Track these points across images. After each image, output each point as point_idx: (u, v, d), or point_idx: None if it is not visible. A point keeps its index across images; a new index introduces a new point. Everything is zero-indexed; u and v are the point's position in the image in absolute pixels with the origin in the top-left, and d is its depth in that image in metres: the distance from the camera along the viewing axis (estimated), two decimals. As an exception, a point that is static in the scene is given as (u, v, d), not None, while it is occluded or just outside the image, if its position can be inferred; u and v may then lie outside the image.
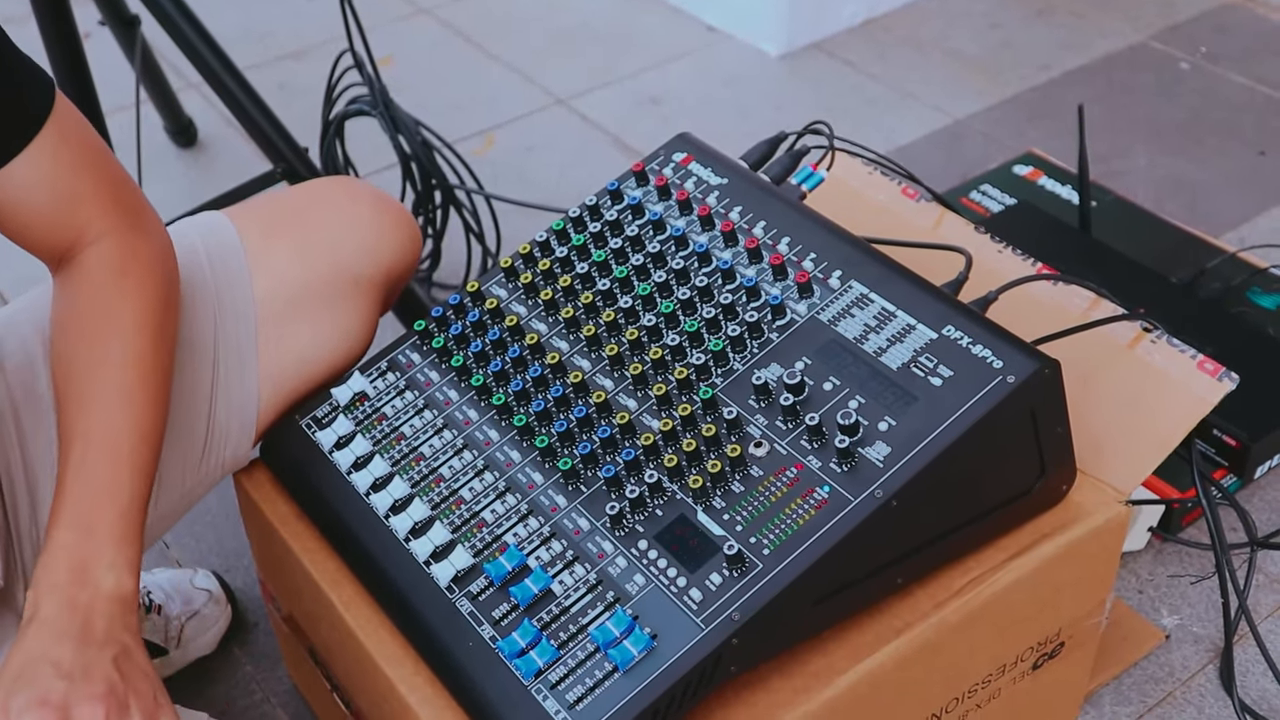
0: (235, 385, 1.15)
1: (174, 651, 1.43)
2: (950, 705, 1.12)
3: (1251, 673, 1.37)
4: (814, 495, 0.98)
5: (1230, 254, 1.75)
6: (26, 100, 0.95)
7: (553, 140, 2.33)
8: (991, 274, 1.20)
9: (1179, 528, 1.51)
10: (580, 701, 0.92)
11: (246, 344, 1.15)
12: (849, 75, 2.48)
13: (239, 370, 1.15)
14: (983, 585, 1.06)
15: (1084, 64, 2.46)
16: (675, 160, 1.26)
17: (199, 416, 1.14)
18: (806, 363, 1.05)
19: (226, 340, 1.15)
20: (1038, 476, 1.07)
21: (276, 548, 1.17)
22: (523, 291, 1.20)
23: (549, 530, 1.02)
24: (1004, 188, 1.91)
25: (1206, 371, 1.15)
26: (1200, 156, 2.19)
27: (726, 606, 0.94)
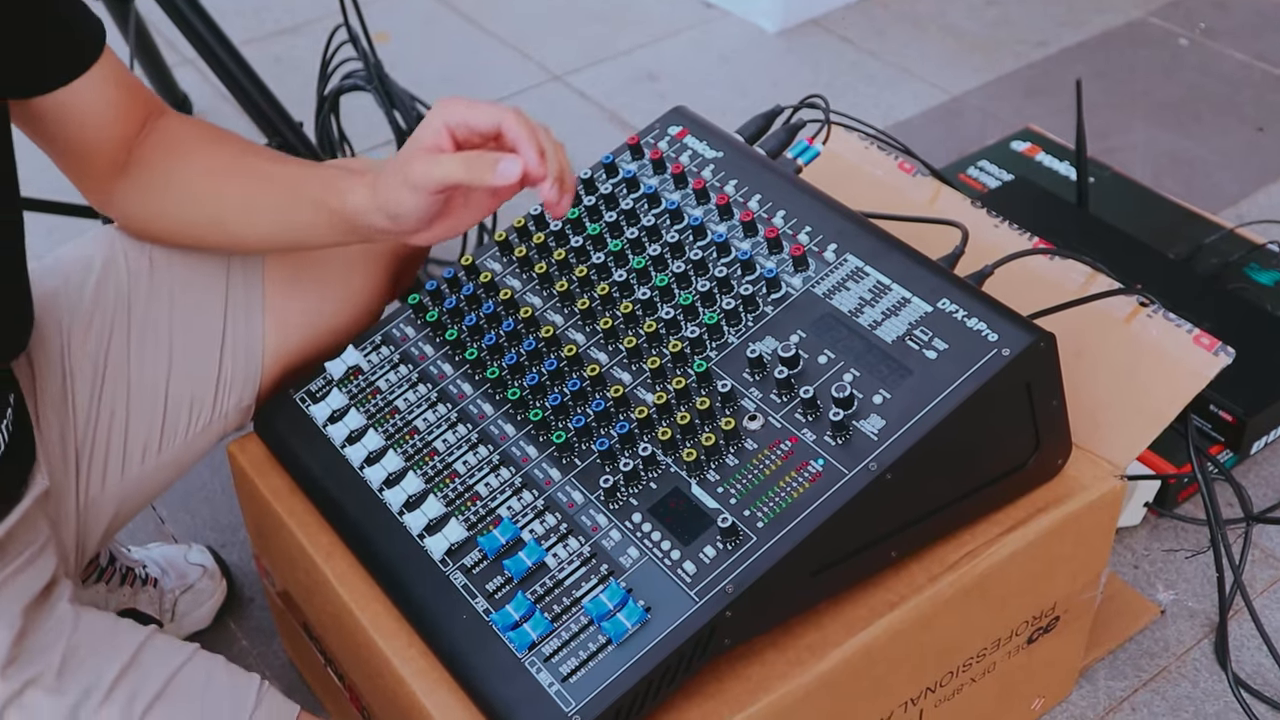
0: (242, 332, 1.19)
1: (168, 625, 1.43)
2: (944, 679, 1.13)
3: (1246, 647, 1.37)
4: (808, 468, 0.97)
5: (1228, 230, 1.75)
6: (92, 18, 1.08)
7: (548, 116, 2.31)
8: (988, 248, 1.20)
9: (1175, 503, 1.51)
10: (574, 674, 0.92)
11: (254, 292, 1.19)
12: (847, 51, 2.47)
13: (246, 317, 1.19)
14: (977, 559, 1.06)
15: (1082, 40, 2.45)
16: (671, 134, 1.25)
17: (210, 359, 1.18)
18: (801, 336, 1.05)
19: (236, 286, 1.19)
20: (1033, 450, 1.07)
21: (270, 521, 1.17)
22: (517, 265, 1.19)
23: (543, 503, 1.02)
24: (1001, 163, 1.90)
25: (1203, 346, 1.15)
26: (1198, 133, 2.18)
27: (720, 579, 0.94)
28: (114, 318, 1.16)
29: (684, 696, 0.96)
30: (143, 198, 1.13)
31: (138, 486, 1.19)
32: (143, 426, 1.17)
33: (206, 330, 1.18)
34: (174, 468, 1.20)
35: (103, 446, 1.16)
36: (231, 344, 1.19)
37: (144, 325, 1.17)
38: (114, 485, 1.17)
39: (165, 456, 1.19)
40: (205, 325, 1.18)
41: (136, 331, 1.16)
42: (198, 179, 1.12)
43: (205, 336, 1.18)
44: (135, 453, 1.17)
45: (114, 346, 1.16)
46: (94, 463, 1.15)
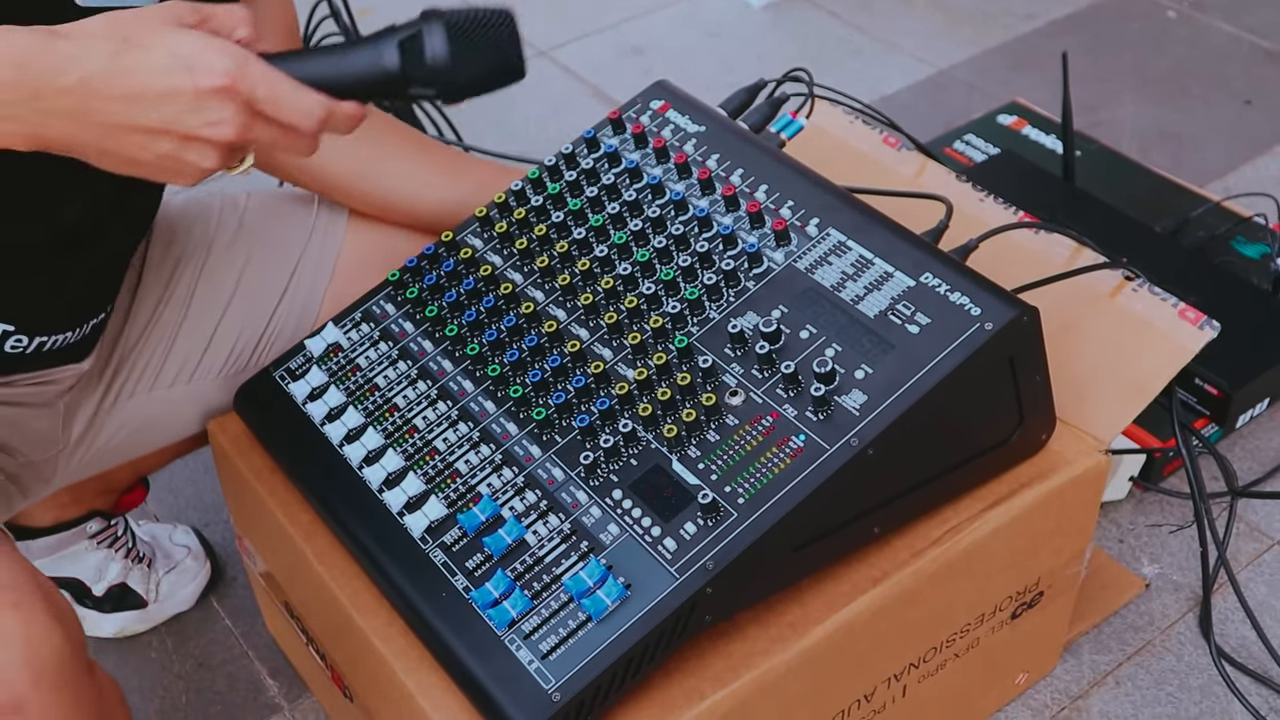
0: (304, 293, 1.25)
1: (152, 605, 1.42)
2: (928, 654, 1.12)
3: (1230, 621, 1.37)
4: (790, 444, 0.97)
5: (1215, 203, 1.74)
6: None
7: (533, 91, 2.30)
8: (973, 222, 1.19)
9: (1160, 477, 1.50)
10: (554, 651, 0.92)
11: (326, 263, 1.25)
12: (833, 25, 2.46)
13: (311, 281, 1.25)
14: (960, 535, 1.06)
15: (1069, 13, 2.44)
16: (653, 108, 1.24)
17: (267, 306, 1.24)
18: (783, 311, 1.04)
19: (310, 253, 1.25)
20: (1016, 425, 1.06)
21: (250, 500, 1.17)
22: (498, 241, 1.18)
23: (523, 480, 1.02)
24: (988, 137, 1.89)
25: (1188, 320, 1.14)
26: (1186, 106, 2.17)
27: (701, 556, 0.93)
28: (193, 252, 1.23)
29: (665, 673, 0.96)
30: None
31: (158, 409, 1.22)
32: (183, 353, 1.22)
33: (269, 288, 1.24)
34: (194, 404, 1.24)
35: (143, 360, 1.21)
36: (290, 301, 1.24)
37: (215, 268, 1.23)
38: (139, 399, 1.21)
39: (192, 387, 1.23)
40: (269, 284, 1.24)
41: (208, 271, 1.23)
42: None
43: (266, 293, 1.23)
44: (168, 375, 1.22)
45: (184, 276, 1.22)
46: (131, 373, 1.20)
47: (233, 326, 1.23)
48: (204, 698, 1.37)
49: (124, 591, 1.41)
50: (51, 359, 1.09)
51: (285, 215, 1.27)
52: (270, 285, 1.24)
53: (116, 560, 1.40)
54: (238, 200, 1.28)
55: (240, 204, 1.27)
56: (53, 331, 1.07)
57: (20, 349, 1.06)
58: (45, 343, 1.07)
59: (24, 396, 1.11)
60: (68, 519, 1.37)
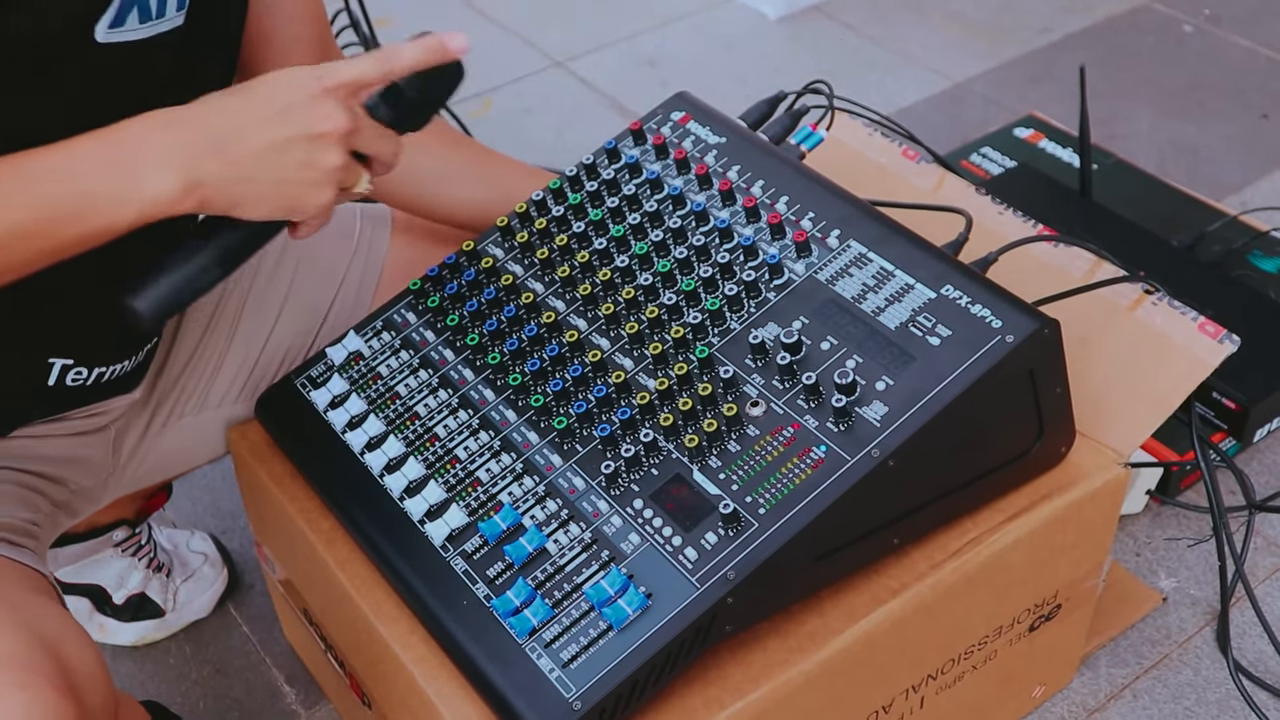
0: (345, 313, 1.26)
1: (170, 614, 1.43)
2: (946, 666, 1.12)
3: (1248, 635, 1.37)
4: (810, 454, 0.97)
5: (1231, 217, 1.74)
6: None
7: (550, 102, 2.32)
8: (992, 235, 1.19)
9: (1177, 491, 1.50)
10: (574, 660, 0.92)
11: (367, 287, 1.27)
12: (849, 38, 2.46)
13: (354, 302, 1.26)
14: (980, 547, 1.06)
15: (1085, 27, 2.44)
16: (673, 119, 1.24)
17: (305, 331, 1.26)
18: (804, 322, 1.05)
19: (354, 269, 1.27)
20: (1036, 438, 1.07)
21: (271, 508, 1.17)
22: (519, 250, 1.19)
23: (544, 489, 1.02)
24: (1004, 150, 1.90)
25: (1207, 333, 1.15)
26: (1202, 120, 2.17)
27: (722, 566, 0.93)
28: (237, 276, 1.20)
29: (685, 683, 0.96)
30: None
31: (204, 430, 1.24)
32: (229, 375, 1.23)
33: (315, 305, 1.25)
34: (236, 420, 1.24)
35: (191, 384, 1.22)
36: (335, 317, 1.25)
37: (262, 290, 1.24)
38: (187, 420, 1.22)
39: (238, 408, 1.24)
40: (315, 302, 1.25)
41: (255, 293, 1.24)
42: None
43: (312, 311, 1.25)
44: (215, 397, 1.23)
45: (230, 298, 1.23)
46: (180, 396, 1.21)
47: (279, 346, 1.24)
48: (221, 704, 1.37)
49: (143, 601, 1.41)
50: (107, 390, 1.10)
51: (328, 237, 1.25)
52: (316, 303, 1.25)
53: (138, 569, 1.41)
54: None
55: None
56: (110, 361, 1.07)
57: (81, 381, 1.06)
58: (104, 374, 1.07)
59: (77, 429, 1.11)
60: (99, 525, 1.38)
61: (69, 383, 1.05)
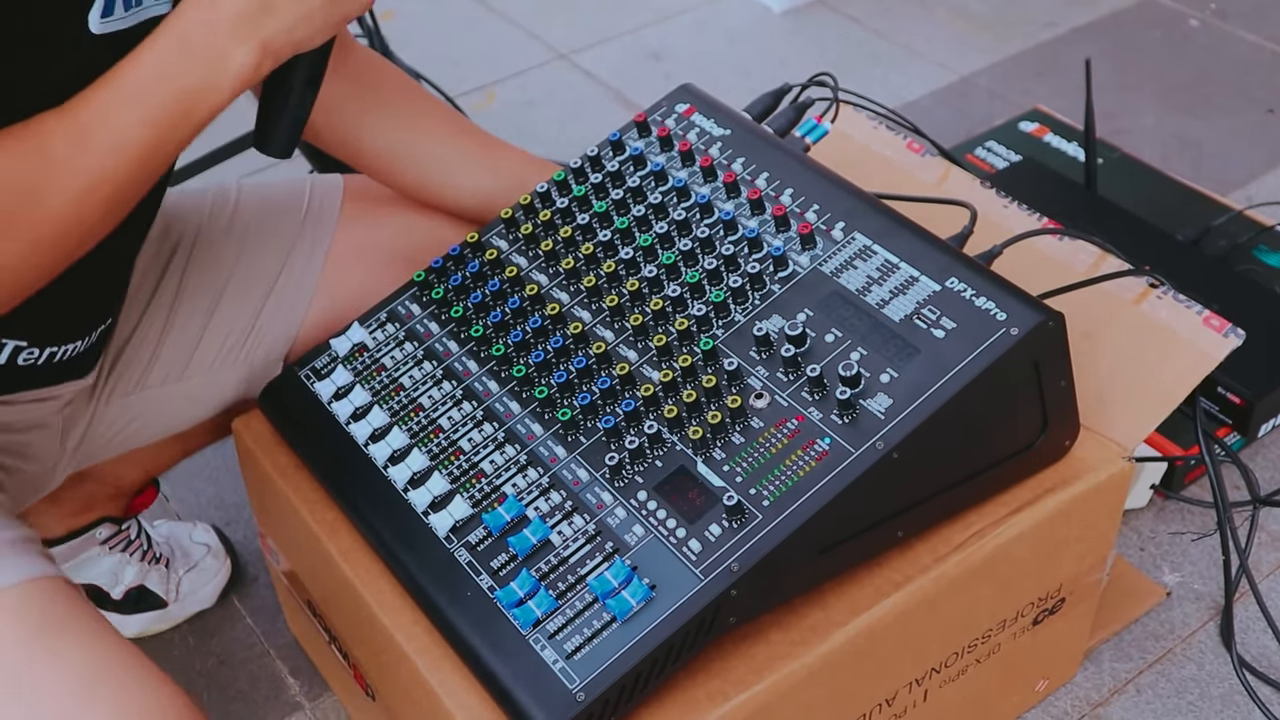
0: (292, 288, 1.24)
1: (173, 605, 1.43)
2: (949, 660, 1.12)
3: (1252, 630, 1.36)
4: (814, 447, 0.97)
5: (1237, 212, 1.74)
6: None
7: (553, 95, 2.31)
8: (997, 229, 1.19)
9: (1181, 485, 1.50)
10: (578, 651, 0.92)
11: (317, 254, 1.25)
12: (854, 31, 2.46)
13: (300, 276, 1.25)
14: (984, 540, 1.06)
15: (1091, 21, 2.44)
16: (678, 111, 1.24)
17: (249, 306, 1.23)
18: (808, 314, 1.04)
19: (300, 248, 1.25)
20: (1040, 431, 1.06)
21: (274, 498, 1.17)
22: (523, 242, 1.19)
23: (548, 481, 1.02)
24: (1009, 144, 1.89)
25: (1212, 327, 1.14)
26: (1208, 114, 2.17)
27: (725, 558, 0.93)
28: (181, 251, 1.22)
29: (688, 675, 0.96)
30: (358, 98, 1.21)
31: (149, 407, 1.22)
32: (172, 352, 1.22)
33: (258, 280, 1.24)
34: (187, 401, 1.24)
35: (131, 360, 1.20)
36: (277, 296, 1.24)
37: (203, 266, 1.23)
38: (131, 397, 1.21)
39: (183, 386, 1.22)
40: (259, 276, 1.24)
41: (194, 269, 1.22)
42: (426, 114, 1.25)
43: (254, 289, 1.24)
44: (158, 374, 1.22)
45: (172, 276, 1.22)
46: (122, 372, 1.20)
47: (221, 325, 1.23)
48: (225, 695, 1.37)
49: (142, 593, 1.41)
50: (60, 372, 1.09)
51: (276, 209, 1.27)
52: (259, 281, 1.23)
53: (132, 564, 1.40)
54: (228, 193, 1.27)
55: (231, 197, 1.27)
56: (63, 341, 1.07)
57: (32, 360, 1.05)
58: (56, 353, 1.07)
59: (23, 416, 1.10)
60: (79, 527, 1.36)
61: (20, 362, 1.04)
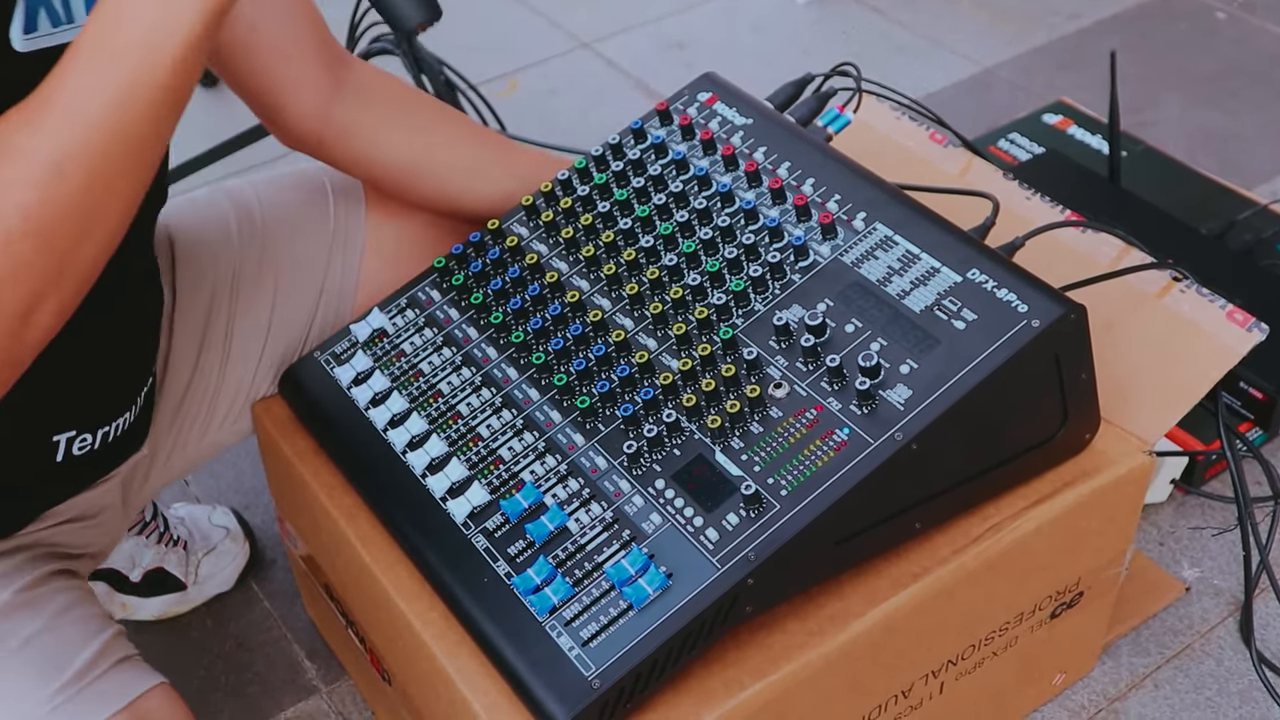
0: (333, 307, 1.23)
1: (191, 587, 1.44)
2: (966, 652, 1.12)
3: (1272, 626, 1.36)
4: (833, 437, 0.97)
5: (1262, 206, 1.73)
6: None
7: (576, 84, 2.31)
8: (1019, 220, 1.18)
9: (1202, 480, 1.49)
10: (594, 638, 0.92)
11: (352, 267, 1.24)
12: (877, 22, 2.45)
13: (339, 293, 1.23)
14: (1002, 532, 1.05)
15: (1116, 13, 2.42)
16: (700, 100, 1.24)
17: (296, 333, 1.22)
18: (828, 304, 1.04)
19: (335, 263, 1.23)
20: (1060, 424, 1.06)
21: (293, 483, 1.17)
22: (544, 229, 1.19)
23: (566, 468, 1.02)
24: (1033, 136, 1.88)
25: (1236, 322, 1.14)
26: (1234, 108, 2.15)
27: (743, 547, 0.93)
28: (220, 291, 1.19)
29: (704, 664, 0.96)
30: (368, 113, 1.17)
31: (209, 449, 1.23)
32: (230, 394, 1.21)
33: (301, 307, 1.22)
34: (242, 434, 1.24)
35: (192, 411, 1.19)
36: (321, 318, 1.23)
37: (249, 302, 1.20)
38: (193, 447, 1.21)
39: (241, 423, 1.22)
40: (301, 300, 1.22)
41: (241, 307, 1.20)
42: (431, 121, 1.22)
43: (298, 313, 1.22)
44: (218, 419, 1.21)
45: (216, 318, 1.19)
46: (183, 427, 1.18)
47: (273, 356, 1.22)
48: (243, 678, 1.38)
49: (161, 576, 1.42)
50: (117, 451, 1.07)
51: (303, 220, 1.24)
52: (303, 303, 1.22)
53: (149, 547, 1.41)
54: (251, 211, 1.23)
55: (255, 215, 1.23)
56: (112, 416, 1.05)
57: (88, 447, 1.03)
58: (109, 432, 1.05)
59: (91, 503, 1.09)
60: None
61: (76, 452, 1.02)
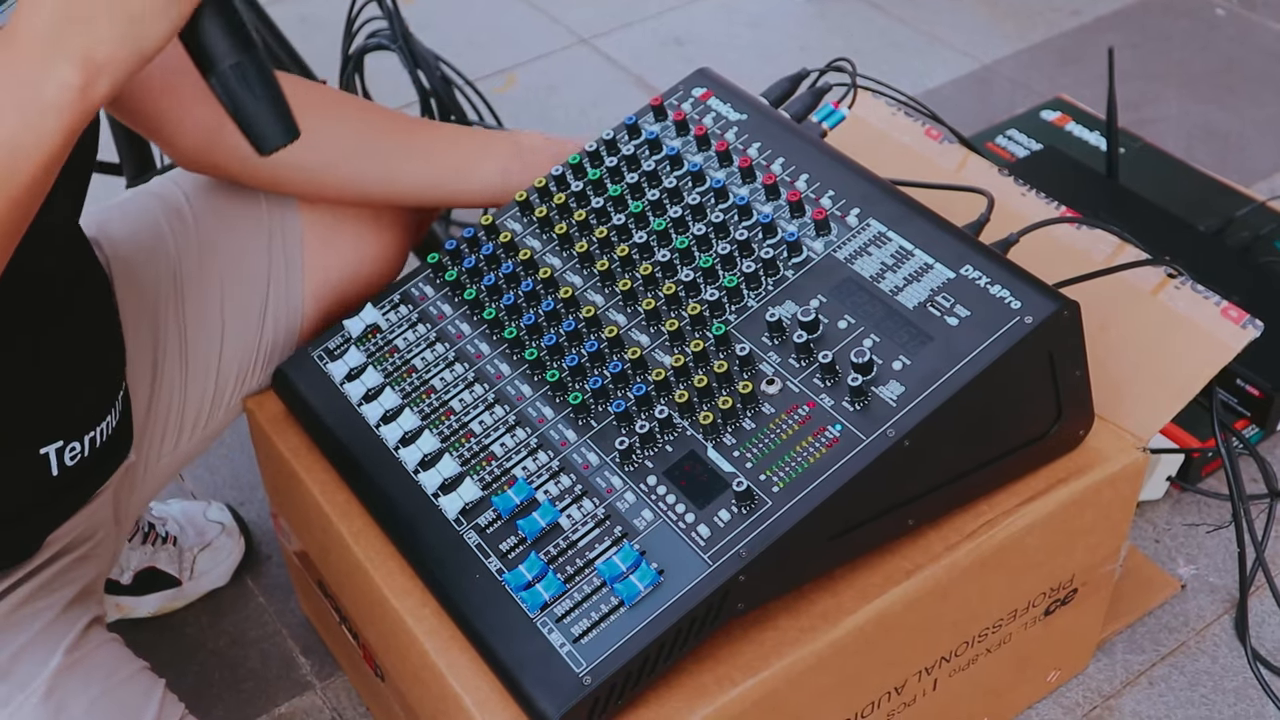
0: (284, 297, 1.21)
1: (186, 583, 1.44)
2: (960, 649, 1.12)
3: (1267, 624, 1.36)
4: (825, 433, 0.97)
5: (1259, 203, 1.72)
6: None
7: (574, 79, 2.31)
8: (1014, 217, 1.18)
9: (1198, 478, 1.49)
10: (585, 635, 0.92)
11: (294, 255, 1.21)
12: (876, 18, 2.45)
13: (287, 282, 1.21)
14: (996, 529, 1.05)
15: (1116, 9, 2.42)
16: (695, 95, 1.24)
17: (250, 329, 1.20)
18: (822, 300, 1.04)
19: (276, 252, 1.21)
20: (1054, 420, 1.06)
21: (287, 479, 1.17)
22: (537, 226, 1.18)
23: (558, 464, 1.02)
24: (1031, 133, 1.88)
25: (1230, 319, 1.13)
26: (1233, 105, 2.15)
27: (735, 543, 0.93)
28: (164, 294, 1.17)
29: (696, 660, 0.96)
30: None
31: (185, 456, 1.22)
32: (196, 400, 1.20)
33: (252, 301, 1.20)
34: (213, 436, 1.23)
35: (161, 422, 1.18)
36: (274, 309, 1.21)
37: (197, 303, 1.19)
38: (166, 457, 1.20)
39: (211, 426, 1.22)
40: (250, 295, 1.20)
41: (191, 308, 1.18)
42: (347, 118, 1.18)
43: (250, 308, 1.20)
44: (189, 425, 1.20)
45: (166, 322, 1.17)
46: (152, 437, 1.17)
47: (232, 360, 1.20)
48: (237, 674, 1.38)
49: (153, 574, 1.41)
50: (107, 455, 1.07)
51: (235, 213, 1.21)
52: (253, 295, 1.20)
53: (134, 550, 1.40)
54: (180, 209, 1.20)
55: (185, 212, 1.20)
56: (95, 422, 1.04)
57: (78, 455, 1.02)
58: (94, 438, 1.04)
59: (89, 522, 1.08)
60: None
61: (68, 463, 1.02)
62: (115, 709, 1.02)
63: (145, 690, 1.05)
